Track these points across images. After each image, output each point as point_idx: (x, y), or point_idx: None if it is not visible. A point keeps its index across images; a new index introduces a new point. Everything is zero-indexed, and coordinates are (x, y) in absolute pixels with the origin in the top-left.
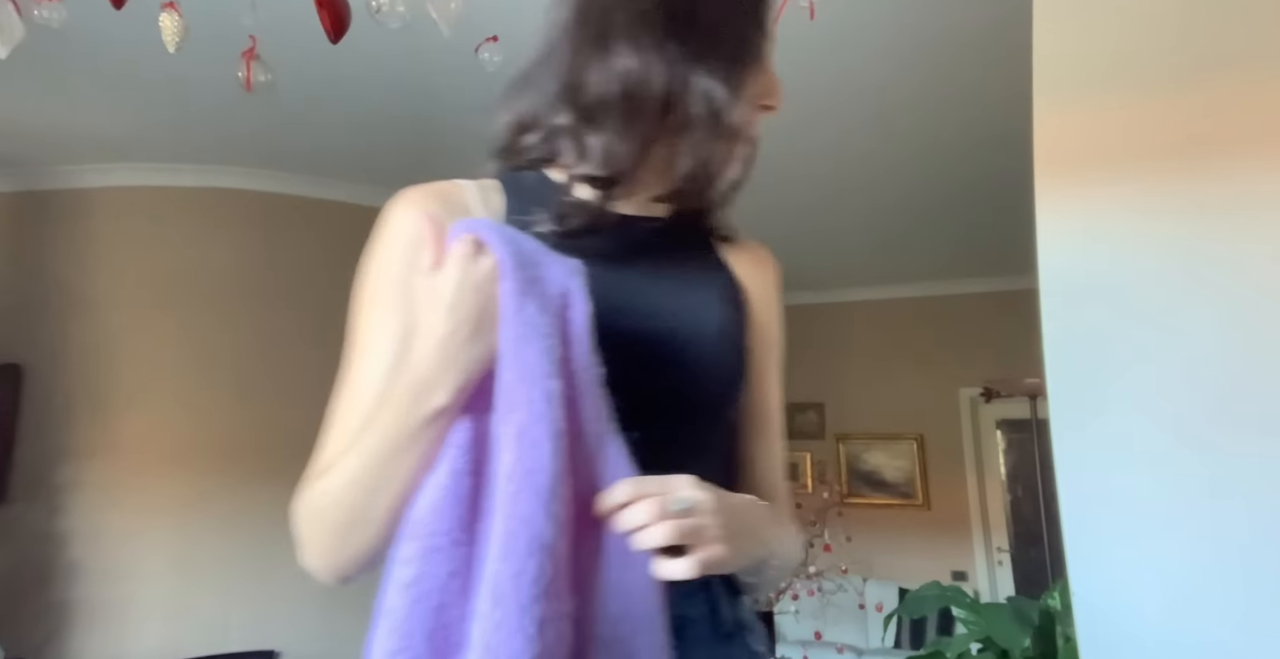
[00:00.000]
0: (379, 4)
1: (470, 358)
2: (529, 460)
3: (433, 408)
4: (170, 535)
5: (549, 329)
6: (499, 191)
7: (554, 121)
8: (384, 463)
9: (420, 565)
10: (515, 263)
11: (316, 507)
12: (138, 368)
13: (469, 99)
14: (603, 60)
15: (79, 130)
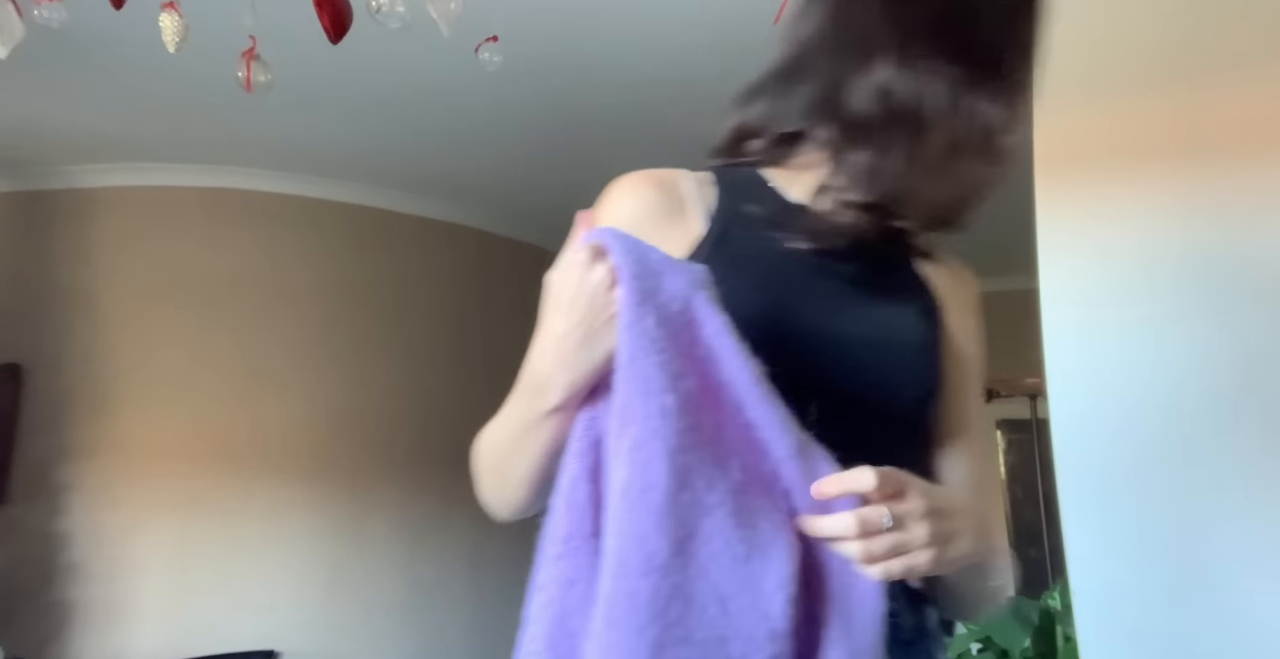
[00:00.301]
0: (379, 4)
1: (583, 362)
2: (643, 477)
3: (546, 406)
4: (170, 535)
5: (666, 342)
6: (712, 185)
7: (816, 133)
8: (511, 441)
9: (545, 571)
10: (634, 273)
11: (476, 452)
12: (138, 368)
13: (470, 99)
14: (865, 75)
15: (79, 130)
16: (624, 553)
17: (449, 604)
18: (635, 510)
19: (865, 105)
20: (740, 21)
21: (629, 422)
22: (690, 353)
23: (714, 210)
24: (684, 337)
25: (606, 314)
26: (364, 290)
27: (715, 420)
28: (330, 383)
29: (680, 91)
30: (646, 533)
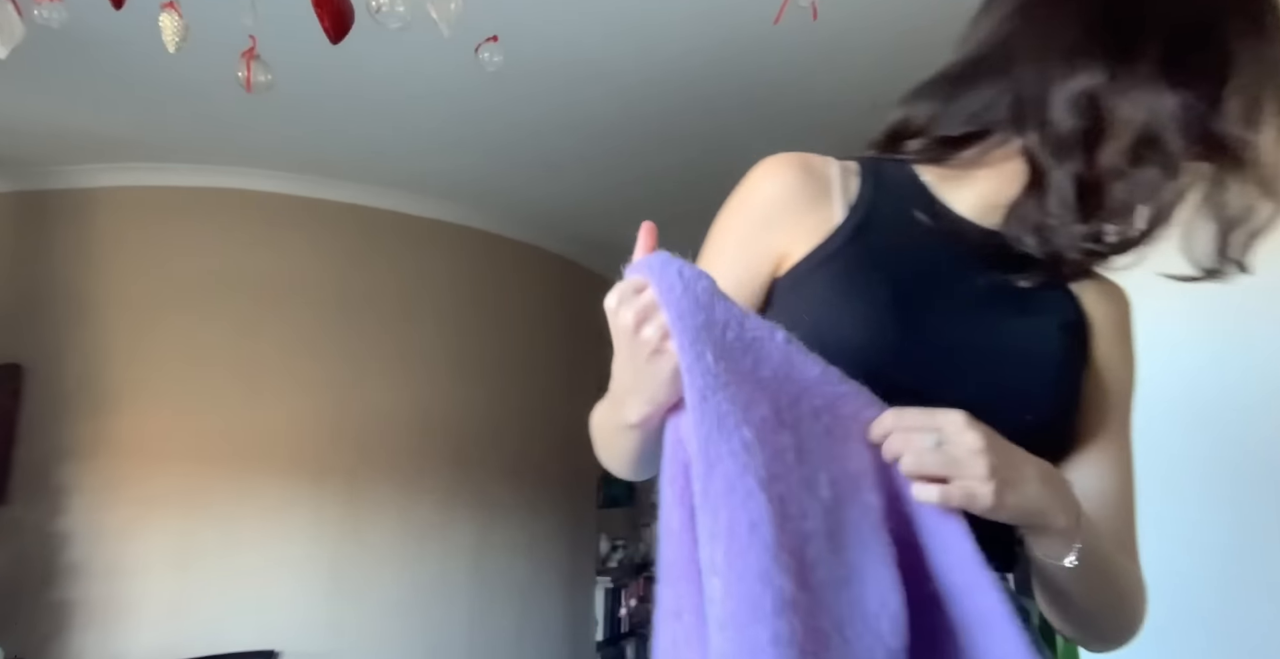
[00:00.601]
0: (379, 4)
1: (643, 391)
2: (747, 514)
3: (625, 422)
4: (170, 535)
5: (729, 375)
6: (856, 175)
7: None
8: (606, 435)
9: (657, 603)
10: (680, 312)
11: (592, 421)
12: (138, 368)
13: (470, 99)
14: (1066, 81)
15: (79, 130)
16: (753, 595)
17: (449, 604)
18: (750, 550)
19: (1072, 116)
20: (742, 23)
21: (715, 462)
22: (755, 376)
23: (854, 201)
24: (746, 361)
25: (644, 353)
26: (364, 290)
27: (794, 441)
28: (330, 383)
29: (683, 92)
30: (768, 571)
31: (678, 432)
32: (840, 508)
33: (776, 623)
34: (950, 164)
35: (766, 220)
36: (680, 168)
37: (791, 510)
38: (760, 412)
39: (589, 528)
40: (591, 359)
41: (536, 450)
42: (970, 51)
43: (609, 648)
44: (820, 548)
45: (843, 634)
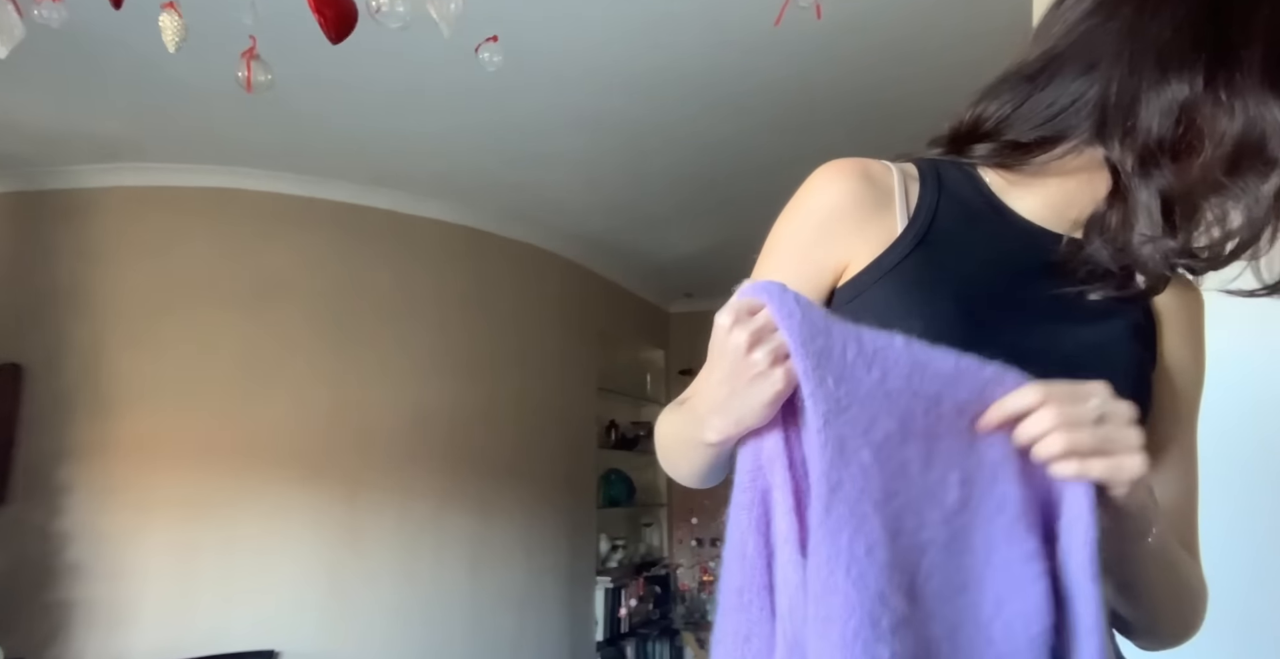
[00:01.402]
0: (379, 4)
1: (733, 413)
2: (866, 537)
3: (704, 439)
4: (170, 535)
5: (850, 397)
6: (915, 180)
7: (1070, 146)
8: (677, 447)
9: (723, 623)
10: (803, 338)
11: (657, 429)
12: (138, 368)
13: (470, 99)
14: (1159, 89)
15: (79, 130)
16: (874, 616)
17: (448, 604)
18: (869, 572)
19: (1163, 127)
20: (743, 23)
21: (836, 486)
22: (884, 389)
23: (915, 208)
24: (873, 375)
25: (749, 375)
26: (363, 290)
27: (924, 449)
28: (330, 383)
29: (685, 91)
30: (884, 591)
31: (758, 458)
32: (966, 510)
33: (894, 641)
34: (1018, 169)
35: (826, 230)
36: (681, 168)
37: (907, 524)
38: (884, 429)
39: (589, 528)
40: (590, 359)
41: (536, 450)
42: (1046, 48)
43: (609, 648)
44: (935, 557)
45: (954, 640)
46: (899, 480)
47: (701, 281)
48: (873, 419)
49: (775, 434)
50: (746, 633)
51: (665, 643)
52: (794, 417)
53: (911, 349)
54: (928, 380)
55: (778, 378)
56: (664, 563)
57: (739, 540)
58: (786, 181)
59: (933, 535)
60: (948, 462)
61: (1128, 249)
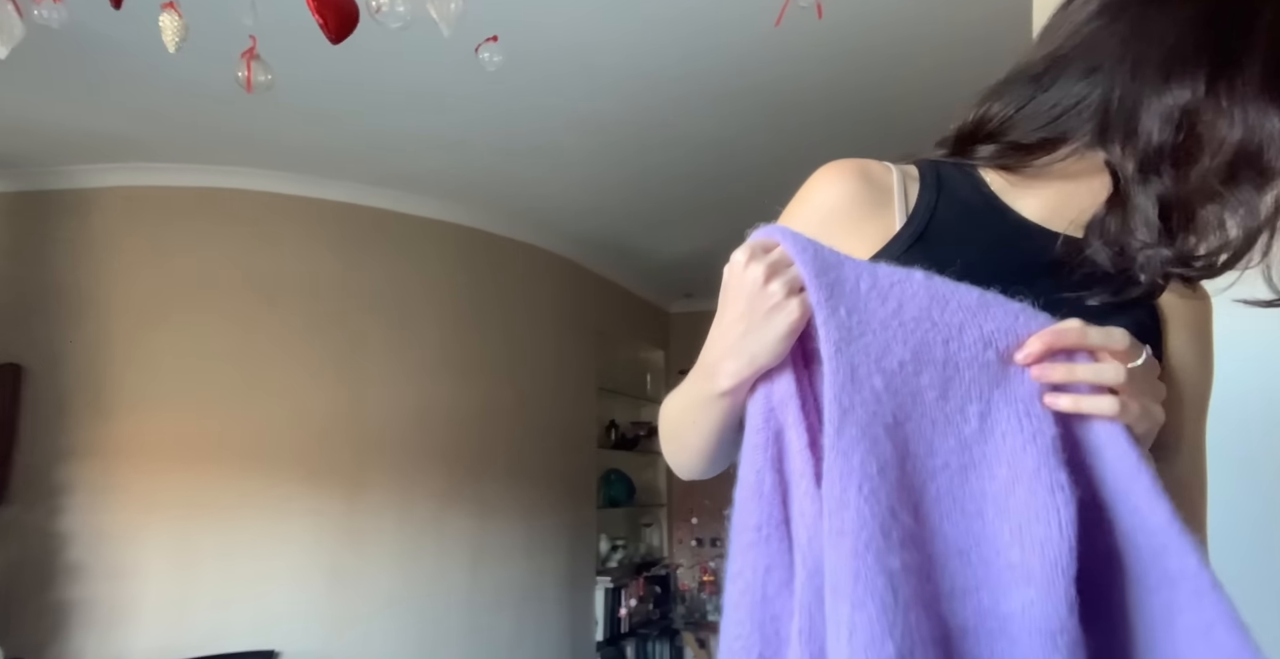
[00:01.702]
0: (379, 4)
1: (747, 352)
2: (877, 458)
3: (716, 389)
4: (170, 535)
5: (863, 326)
6: (915, 180)
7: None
8: (687, 415)
9: (740, 560)
10: (816, 270)
11: (661, 414)
12: (138, 368)
13: (470, 99)
14: (1160, 93)
15: (79, 130)
16: (885, 529)
17: (448, 604)
18: (881, 489)
19: (1163, 131)
20: (743, 23)
21: (848, 409)
22: (899, 319)
23: (913, 207)
24: (888, 306)
25: (765, 307)
26: (363, 290)
27: (940, 378)
28: (330, 383)
29: (685, 91)
30: (894, 508)
31: (770, 401)
32: (989, 440)
33: (903, 553)
34: (1020, 170)
35: (825, 228)
36: (680, 168)
37: (917, 449)
38: (897, 357)
39: (589, 528)
40: (590, 359)
41: (536, 450)
42: (1051, 49)
43: (609, 648)
44: (947, 483)
45: (966, 557)
46: (911, 407)
47: (701, 281)
48: (885, 347)
49: (785, 376)
50: (767, 564)
51: (665, 643)
52: (802, 360)
53: (931, 283)
54: (950, 311)
55: (793, 308)
56: (664, 563)
57: (755, 480)
58: (786, 181)
59: (945, 461)
60: (968, 393)
61: (1122, 252)
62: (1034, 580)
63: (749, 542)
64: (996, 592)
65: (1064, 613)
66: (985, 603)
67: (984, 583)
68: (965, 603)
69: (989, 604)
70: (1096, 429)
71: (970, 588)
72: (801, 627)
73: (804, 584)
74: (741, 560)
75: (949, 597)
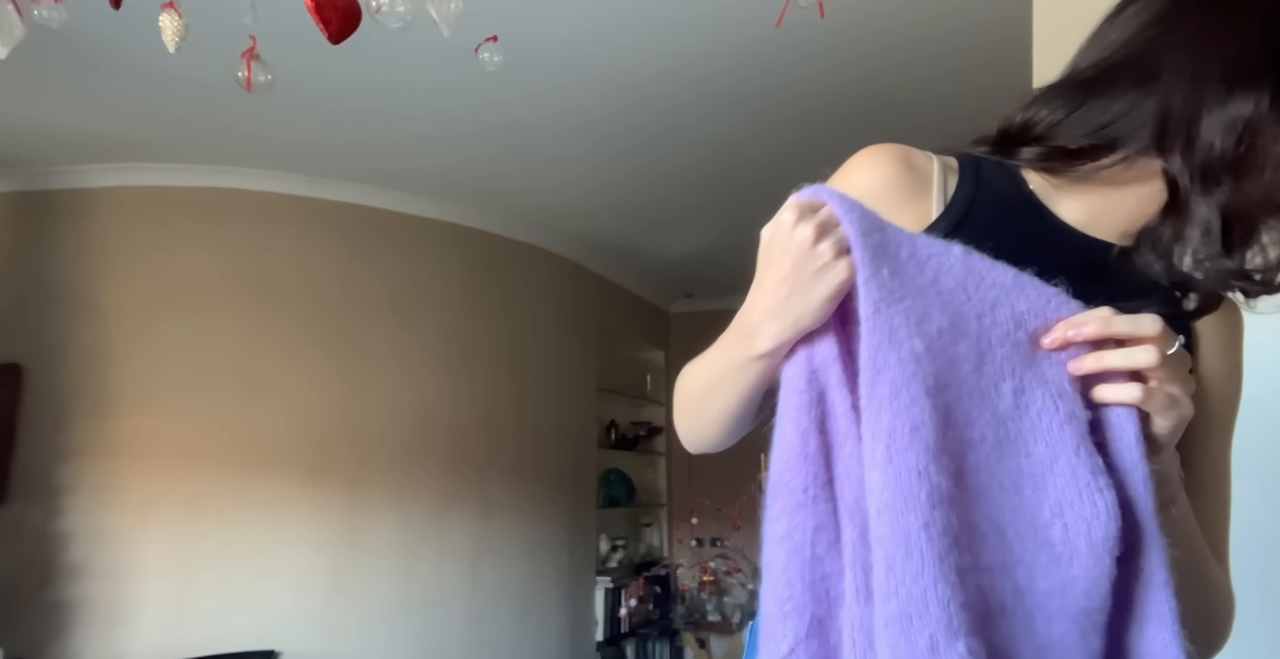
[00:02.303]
0: (379, 4)
1: (791, 313)
2: (910, 418)
3: (755, 352)
4: (170, 535)
5: (904, 289)
6: (955, 172)
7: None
8: (716, 379)
9: (787, 521)
10: (862, 229)
11: (679, 383)
12: (138, 368)
13: (470, 99)
14: (1223, 104)
15: (79, 130)
16: (910, 489)
17: (448, 604)
18: (910, 448)
19: (1224, 142)
20: (744, 23)
21: (882, 369)
22: (936, 289)
23: (951, 196)
24: (926, 275)
25: (813, 267)
26: (363, 290)
27: (976, 351)
28: (329, 383)
29: (685, 92)
30: (927, 467)
31: (811, 362)
32: (1025, 418)
33: (930, 512)
34: (1064, 174)
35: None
36: (680, 167)
37: (956, 418)
38: (936, 324)
39: (589, 528)
40: (590, 359)
41: (536, 450)
42: (1104, 57)
43: (609, 648)
44: (985, 456)
45: (1003, 534)
46: (950, 375)
47: (701, 281)
48: (925, 312)
49: (828, 339)
50: (815, 524)
51: (665, 643)
52: (843, 322)
53: (969, 258)
54: (984, 288)
55: (841, 268)
56: (664, 563)
57: (800, 441)
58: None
59: (983, 434)
60: (1001, 370)
61: (1181, 266)
62: (1077, 559)
63: (796, 503)
64: (1034, 570)
65: (1104, 593)
66: (1021, 581)
67: (1020, 560)
68: (1004, 580)
69: (1025, 583)
70: (1111, 415)
71: (1008, 565)
72: (856, 585)
73: (854, 542)
74: (789, 522)
75: (988, 571)
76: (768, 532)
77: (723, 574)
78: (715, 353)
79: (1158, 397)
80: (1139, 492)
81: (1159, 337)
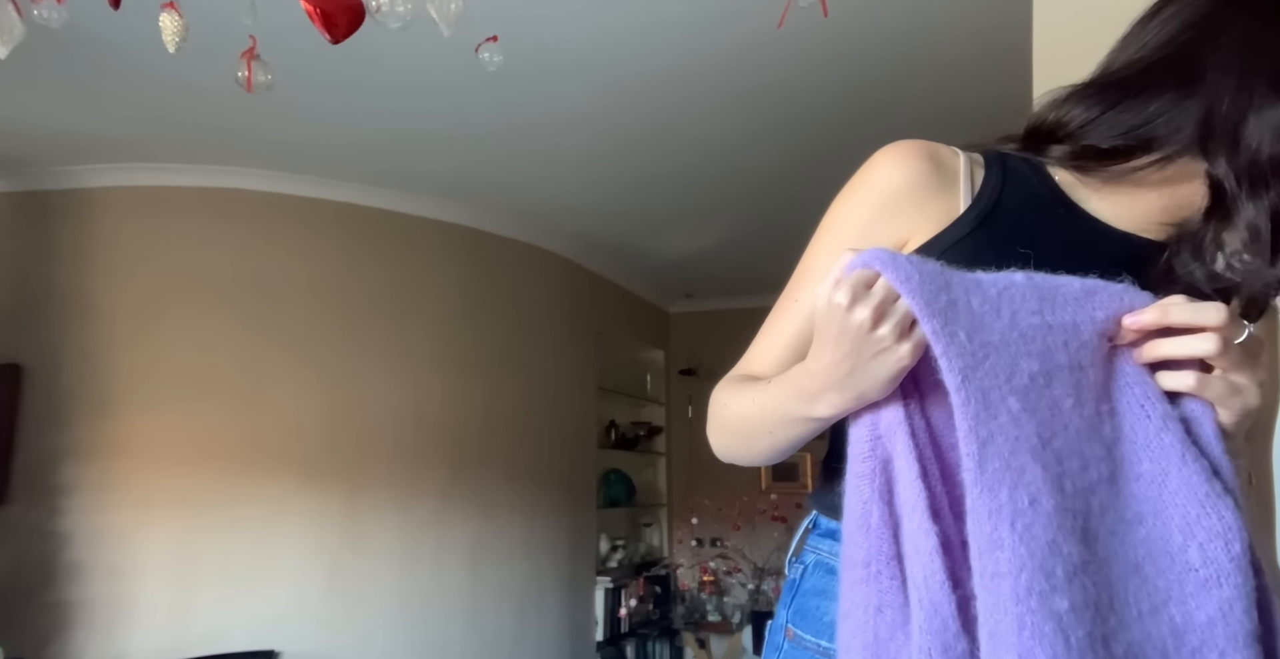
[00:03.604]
0: (379, 4)
1: (852, 388)
2: (1027, 490)
3: (812, 415)
4: (170, 535)
5: (984, 348)
6: (982, 167)
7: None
8: (764, 424)
9: (848, 599)
10: (928, 300)
11: (716, 406)
12: (138, 368)
13: (469, 99)
14: (1271, 107)
15: (79, 130)
16: (1046, 567)
17: (448, 604)
18: (1035, 523)
19: (1273, 146)
20: (743, 23)
21: (986, 440)
22: (1017, 330)
23: (978, 190)
24: (1003, 319)
25: (873, 352)
26: (363, 290)
27: (1072, 383)
28: (329, 383)
29: (685, 92)
30: (1055, 540)
31: (876, 428)
32: (1122, 439)
33: (1070, 590)
34: (1093, 173)
35: (891, 207)
36: (680, 167)
37: (1072, 466)
38: (1026, 372)
39: (589, 528)
40: (590, 359)
41: (536, 450)
42: (1140, 57)
43: (609, 648)
44: (1105, 495)
45: (1142, 573)
46: (1053, 422)
47: (701, 281)
48: (1013, 364)
49: (894, 404)
50: (878, 604)
51: (665, 643)
52: (912, 384)
53: (1034, 281)
54: (1059, 309)
55: (905, 352)
56: (664, 563)
57: (860, 512)
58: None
59: (1099, 472)
60: (1096, 393)
61: (1223, 271)
62: (1226, 579)
63: (858, 578)
64: (1187, 603)
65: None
66: (1178, 618)
67: (1169, 596)
68: (1158, 624)
69: (1181, 619)
70: (1189, 408)
71: (1157, 605)
72: None
73: (921, 627)
74: (850, 599)
75: (1139, 621)
76: (839, 605)
77: (723, 574)
78: (767, 399)
79: (1214, 384)
80: (1233, 486)
81: (1222, 325)
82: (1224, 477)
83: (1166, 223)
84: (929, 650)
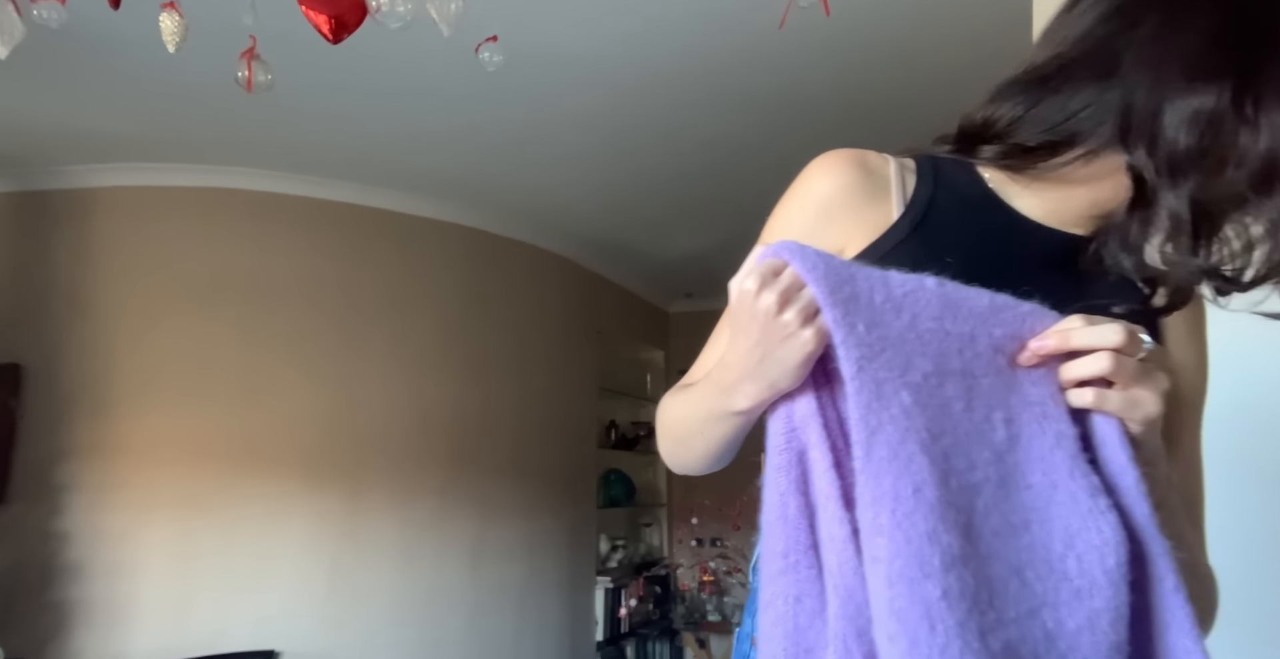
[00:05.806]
0: (379, 4)
1: (765, 376)
2: (911, 478)
3: (732, 408)
4: (170, 535)
5: (883, 341)
6: (913, 173)
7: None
8: (696, 424)
9: (769, 589)
10: (831, 288)
11: (660, 413)
12: (138, 368)
13: (469, 99)
14: (1184, 97)
15: (79, 130)
16: (921, 555)
17: (448, 604)
18: (916, 512)
19: (1188, 137)
20: (743, 22)
21: (876, 429)
22: (916, 331)
23: (910, 197)
24: (903, 319)
25: (780, 337)
26: (362, 290)
27: (964, 388)
28: (330, 383)
29: (685, 92)
30: (935, 530)
31: (790, 421)
32: (1019, 448)
33: (946, 579)
34: (1023, 171)
35: (824, 216)
36: (680, 167)
37: (958, 465)
38: (920, 370)
39: (589, 528)
40: (590, 359)
41: (535, 450)
42: (1060, 52)
43: (609, 648)
44: (991, 496)
45: (1023, 577)
46: (943, 421)
47: (701, 281)
48: (908, 361)
49: (807, 395)
50: (796, 593)
51: (665, 643)
52: (824, 376)
53: (943, 289)
54: (960, 319)
55: (809, 337)
56: (664, 563)
57: (779, 503)
58: (786, 181)
59: (986, 474)
60: (989, 401)
61: (1150, 261)
62: (1097, 591)
63: (777, 569)
64: (1059, 609)
65: (1127, 622)
66: (1050, 624)
67: (1044, 601)
68: (1032, 626)
69: (1053, 625)
70: (1095, 424)
71: (1033, 609)
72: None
73: (836, 614)
74: (771, 589)
75: (1014, 622)
76: (758, 595)
77: (723, 574)
78: (696, 398)
79: (1112, 399)
80: (1133, 497)
81: (1119, 344)
82: (1120, 492)
83: (1096, 216)
84: (844, 636)
